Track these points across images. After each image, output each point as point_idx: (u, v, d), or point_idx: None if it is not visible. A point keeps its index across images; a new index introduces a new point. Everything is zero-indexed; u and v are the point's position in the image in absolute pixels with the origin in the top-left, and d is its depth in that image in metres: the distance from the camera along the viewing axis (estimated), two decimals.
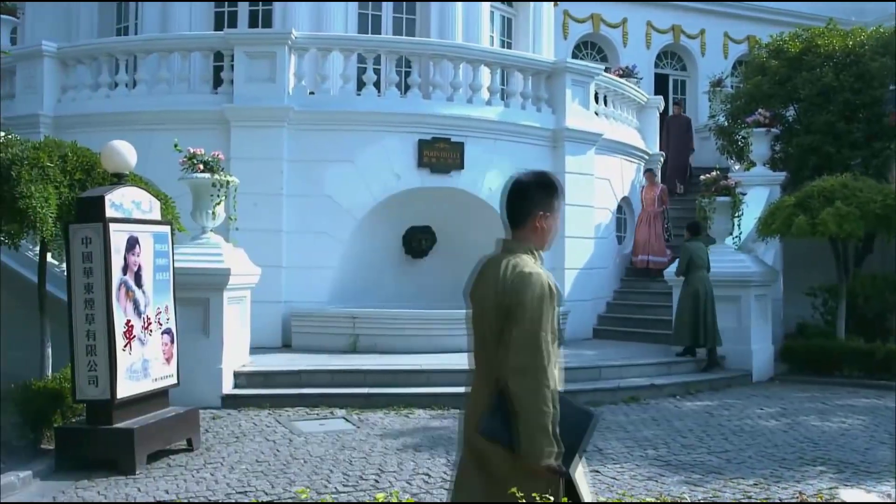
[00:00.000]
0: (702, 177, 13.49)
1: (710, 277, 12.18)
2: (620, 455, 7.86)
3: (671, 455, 7.89)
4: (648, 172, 16.87)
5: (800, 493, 6.63)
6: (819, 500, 6.33)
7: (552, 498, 3.38)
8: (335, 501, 6.34)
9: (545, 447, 3.35)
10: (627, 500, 6.48)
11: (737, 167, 17.06)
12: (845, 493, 6.57)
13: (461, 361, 11.11)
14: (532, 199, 3.67)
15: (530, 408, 3.35)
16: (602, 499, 6.49)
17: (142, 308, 7.65)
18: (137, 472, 7.10)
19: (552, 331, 3.46)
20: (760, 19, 24.27)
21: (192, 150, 10.05)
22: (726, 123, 17.39)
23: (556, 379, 3.45)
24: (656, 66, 24.32)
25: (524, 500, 3.23)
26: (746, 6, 24.42)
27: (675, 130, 19.76)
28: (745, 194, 13.25)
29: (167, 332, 8.03)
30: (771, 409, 10.25)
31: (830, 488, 6.76)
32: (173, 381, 8.11)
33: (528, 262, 3.58)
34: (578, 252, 14.60)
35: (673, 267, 12.99)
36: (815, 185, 12.74)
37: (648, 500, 6.40)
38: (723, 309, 12.47)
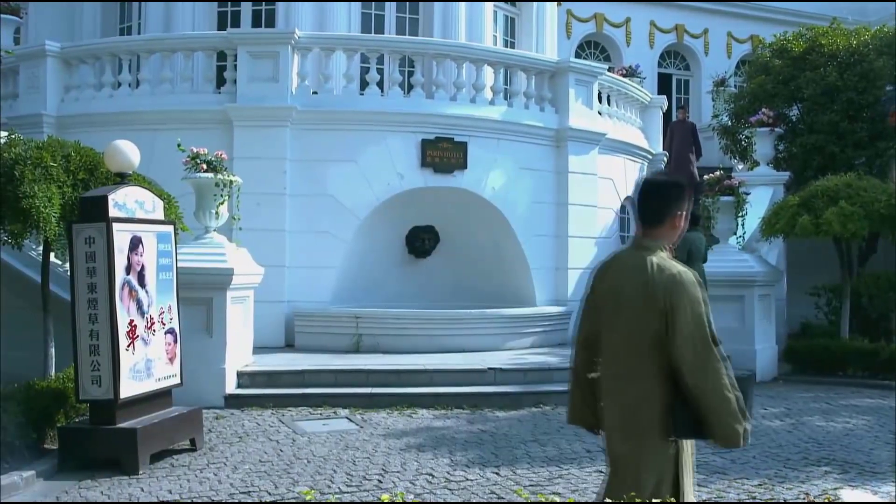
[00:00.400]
0: (705, 176, 13.47)
1: (707, 273, 12.23)
2: None
3: None
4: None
5: (805, 493, 6.61)
6: (827, 500, 6.31)
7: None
8: (339, 502, 6.32)
9: (739, 430, 3.68)
10: (633, 501, 6.46)
11: (740, 167, 17.04)
12: (846, 494, 6.55)
13: (464, 361, 11.15)
14: (671, 198, 3.88)
15: (718, 400, 3.67)
16: (608, 500, 6.47)
17: (145, 308, 7.64)
18: (141, 472, 7.09)
19: (710, 322, 3.79)
20: (764, 19, 24.28)
21: (195, 150, 10.05)
22: (730, 123, 17.36)
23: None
24: (659, 65, 24.32)
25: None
26: (750, 6, 24.42)
27: (679, 136, 18.72)
28: (748, 194, 13.23)
29: (170, 331, 8.02)
30: (775, 409, 10.23)
31: (835, 489, 6.73)
32: (176, 380, 8.10)
33: (670, 261, 3.78)
34: (582, 252, 14.58)
35: None
36: (818, 185, 12.71)
37: (654, 500, 6.38)
38: (726, 309, 12.43)
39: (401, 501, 6.40)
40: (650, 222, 3.85)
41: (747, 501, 6.49)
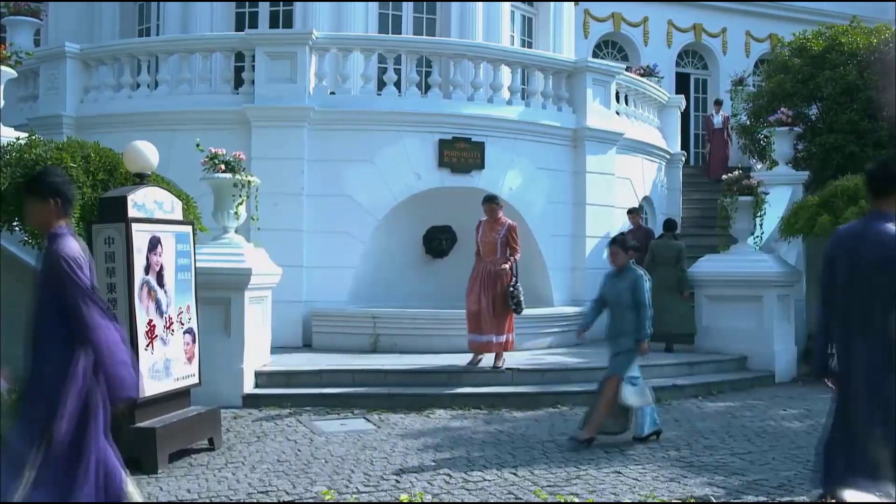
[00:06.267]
0: (724, 176, 13.42)
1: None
2: (643, 456, 7.82)
3: (694, 456, 7.84)
4: (489, 203, 10.93)
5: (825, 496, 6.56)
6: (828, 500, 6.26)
7: None
8: (357, 502, 6.33)
9: None
10: (652, 502, 6.44)
11: (759, 166, 16.94)
12: (847, 494, 6.51)
13: (481, 361, 11.03)
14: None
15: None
16: (626, 500, 6.46)
17: (164, 308, 7.68)
18: (160, 472, 7.12)
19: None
20: (783, 17, 24.18)
21: (213, 150, 10.08)
22: (748, 122, 17.27)
23: None
24: (677, 64, 24.25)
25: None
26: (768, 5, 24.31)
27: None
28: (767, 194, 13.15)
29: (189, 331, 8.06)
30: (794, 410, 10.17)
31: (857, 493, 6.67)
32: (195, 380, 8.13)
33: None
34: (599, 251, 14.53)
35: (696, 266, 13.01)
36: (838, 184, 12.60)
37: (674, 501, 6.37)
38: (744, 309, 12.43)
39: (419, 502, 6.41)
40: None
41: (766, 502, 6.45)
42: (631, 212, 14.97)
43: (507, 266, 10.60)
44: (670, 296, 12.79)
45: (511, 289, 10.58)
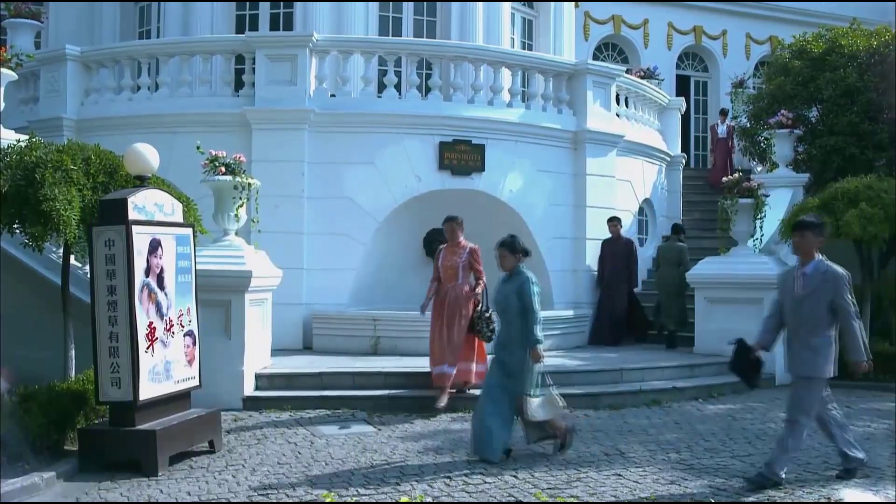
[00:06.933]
0: (724, 178, 13.42)
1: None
2: (643, 458, 7.82)
3: (694, 459, 7.83)
4: (450, 223, 10.37)
5: (826, 497, 6.57)
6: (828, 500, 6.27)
7: None
8: (358, 503, 6.34)
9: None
10: (654, 503, 6.45)
11: (759, 169, 16.93)
12: (847, 493, 6.52)
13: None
14: None
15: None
16: (626, 502, 6.46)
17: (164, 310, 7.68)
18: (160, 474, 7.13)
19: None
20: (783, 20, 24.18)
21: (213, 153, 10.08)
22: (748, 125, 17.26)
23: None
24: (678, 67, 24.25)
25: None
26: (769, 6, 24.31)
27: (610, 260, 14.29)
28: (767, 196, 13.14)
29: (189, 333, 8.06)
30: None
31: (857, 493, 6.69)
32: (195, 382, 8.14)
33: None
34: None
35: (696, 269, 13.02)
36: (838, 187, 12.59)
37: (674, 503, 6.38)
38: (744, 311, 12.39)
39: (420, 503, 6.42)
40: None
41: (767, 502, 6.46)
42: (611, 220, 14.35)
43: (478, 290, 10.03)
44: (671, 295, 13.73)
45: (487, 315, 9.85)
